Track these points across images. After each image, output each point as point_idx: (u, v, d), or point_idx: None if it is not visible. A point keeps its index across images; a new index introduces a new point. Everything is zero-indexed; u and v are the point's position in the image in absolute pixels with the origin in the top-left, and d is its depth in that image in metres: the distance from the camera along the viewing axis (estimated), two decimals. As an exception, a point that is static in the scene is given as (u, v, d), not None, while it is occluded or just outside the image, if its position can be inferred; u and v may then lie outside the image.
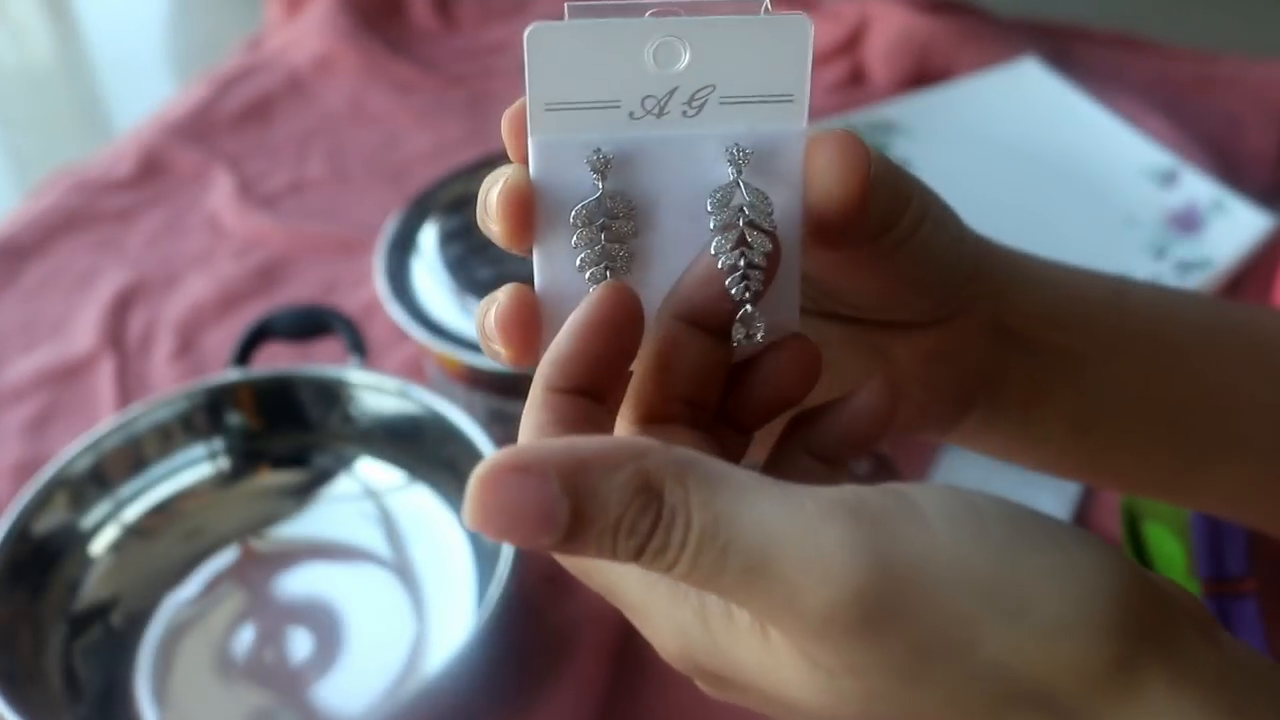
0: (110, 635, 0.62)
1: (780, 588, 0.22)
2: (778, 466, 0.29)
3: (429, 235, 0.73)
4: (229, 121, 1.06)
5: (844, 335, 0.32)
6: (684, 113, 0.28)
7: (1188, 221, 0.85)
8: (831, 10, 1.11)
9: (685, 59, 0.27)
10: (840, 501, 0.22)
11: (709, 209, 0.28)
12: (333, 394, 0.68)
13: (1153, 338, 0.36)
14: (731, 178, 0.28)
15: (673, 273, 0.28)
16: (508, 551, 0.56)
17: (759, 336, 0.28)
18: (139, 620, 0.63)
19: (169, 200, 0.98)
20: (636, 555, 0.23)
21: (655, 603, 0.26)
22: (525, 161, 0.28)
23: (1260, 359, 0.37)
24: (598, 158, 0.27)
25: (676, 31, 0.27)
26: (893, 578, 0.21)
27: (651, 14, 0.27)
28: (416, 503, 0.67)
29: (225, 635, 0.62)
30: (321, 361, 0.73)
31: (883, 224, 0.29)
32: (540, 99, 0.27)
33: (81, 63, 1.83)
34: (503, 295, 0.28)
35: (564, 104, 0.27)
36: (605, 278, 0.28)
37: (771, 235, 0.27)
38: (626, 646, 0.62)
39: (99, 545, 0.64)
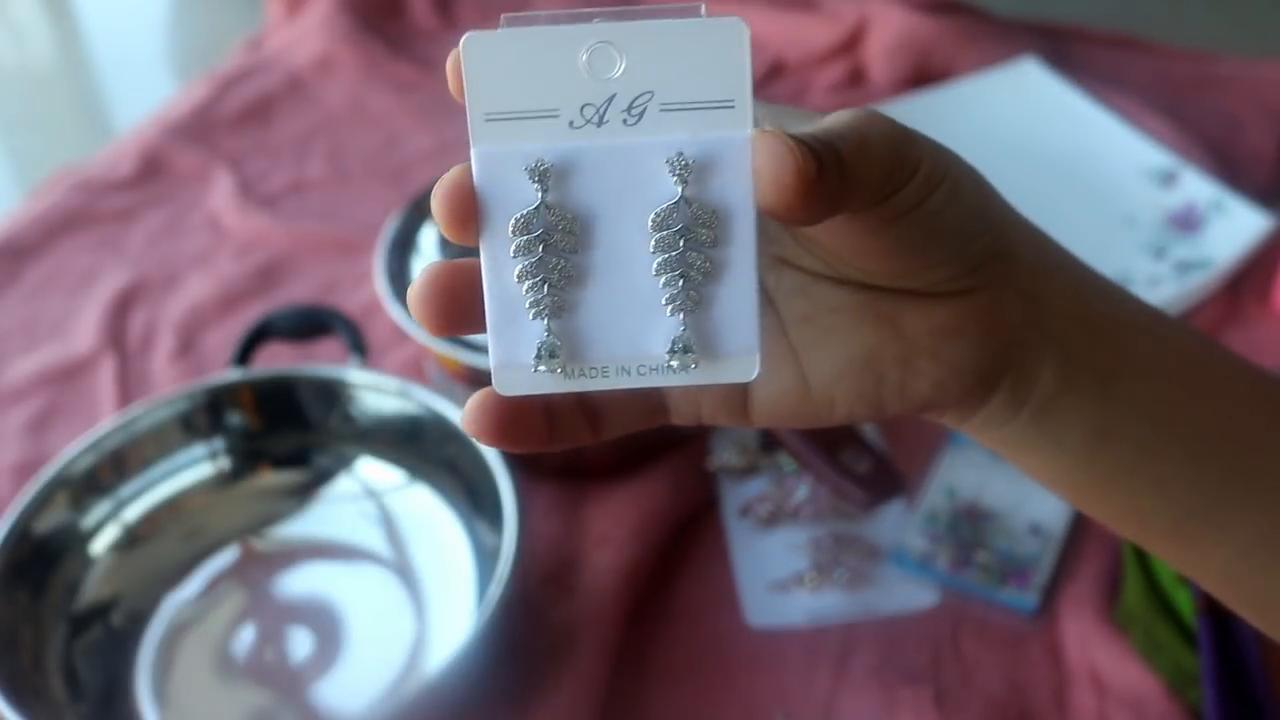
0: (111, 635, 0.62)
1: None
2: None
3: (429, 235, 0.73)
4: (229, 121, 1.06)
5: (852, 301, 0.32)
6: (624, 121, 0.27)
7: (1187, 221, 0.85)
8: (831, 10, 1.11)
9: (621, 66, 0.27)
10: None
11: (650, 228, 0.27)
12: (333, 394, 0.68)
13: (1185, 374, 0.35)
14: (675, 193, 0.27)
15: (613, 292, 0.28)
16: (508, 551, 0.56)
17: (690, 367, 0.28)
18: (139, 620, 0.63)
19: (169, 200, 0.98)
20: None
21: None
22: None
23: None
24: (536, 167, 0.27)
25: (609, 37, 0.26)
26: None
27: (584, 20, 0.27)
28: (416, 503, 0.67)
29: (225, 635, 0.62)
30: (321, 361, 0.73)
31: (883, 189, 0.29)
32: (480, 109, 0.27)
33: (81, 63, 1.83)
34: (423, 273, 0.29)
35: (503, 114, 0.27)
36: (542, 292, 0.28)
37: (712, 258, 0.27)
38: (627, 646, 0.62)
39: (99, 545, 0.64)
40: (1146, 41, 1.10)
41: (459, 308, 0.29)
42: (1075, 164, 0.91)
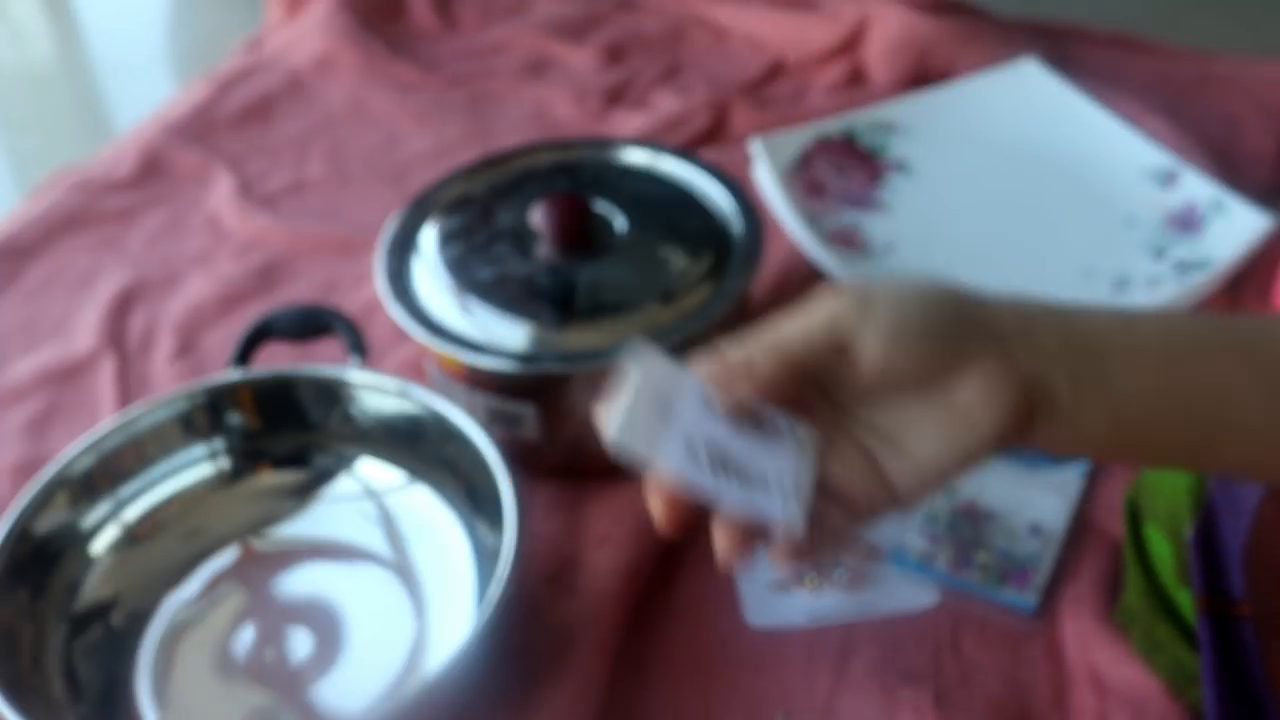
0: (110, 635, 0.62)
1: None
2: None
3: (429, 235, 0.73)
4: (229, 121, 1.06)
5: (912, 415, 0.43)
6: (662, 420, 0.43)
7: (1187, 222, 0.85)
8: (831, 10, 1.11)
9: (634, 384, 0.42)
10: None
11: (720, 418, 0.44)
12: (333, 394, 0.68)
13: (1159, 353, 0.45)
14: (719, 418, 0.43)
15: (763, 477, 0.43)
16: (508, 551, 0.56)
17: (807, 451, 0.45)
18: (139, 620, 0.63)
19: (169, 200, 0.98)
20: None
21: None
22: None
23: (1245, 359, 0.45)
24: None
25: (627, 392, 0.42)
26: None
27: (631, 378, 0.42)
28: (416, 503, 0.67)
29: (225, 635, 0.62)
30: (321, 361, 0.73)
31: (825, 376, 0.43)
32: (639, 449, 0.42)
33: (81, 63, 1.83)
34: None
35: (634, 444, 0.42)
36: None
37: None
38: (626, 645, 0.62)
39: (99, 545, 0.64)
40: (1146, 41, 1.10)
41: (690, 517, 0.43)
42: (1075, 164, 0.91)
